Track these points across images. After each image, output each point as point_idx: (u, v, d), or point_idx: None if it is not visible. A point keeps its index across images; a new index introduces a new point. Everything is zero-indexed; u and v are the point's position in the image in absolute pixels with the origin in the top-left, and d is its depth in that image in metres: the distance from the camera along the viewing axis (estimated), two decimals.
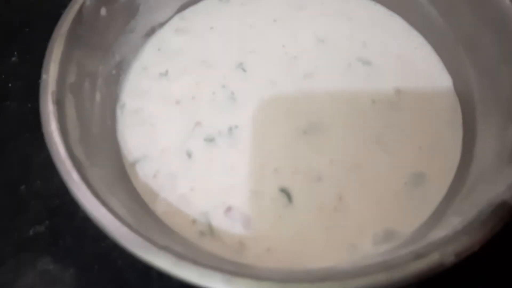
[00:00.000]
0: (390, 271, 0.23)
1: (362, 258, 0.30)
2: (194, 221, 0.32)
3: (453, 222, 0.27)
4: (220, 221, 0.32)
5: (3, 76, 0.43)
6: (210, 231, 0.32)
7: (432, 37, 0.38)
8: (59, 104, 0.29)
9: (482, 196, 0.27)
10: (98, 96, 0.34)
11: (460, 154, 0.34)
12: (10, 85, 0.43)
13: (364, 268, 0.25)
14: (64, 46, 0.32)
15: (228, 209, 0.32)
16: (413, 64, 0.37)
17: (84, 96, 0.33)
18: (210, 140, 0.35)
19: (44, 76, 0.30)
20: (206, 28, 0.40)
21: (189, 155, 0.35)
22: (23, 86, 0.43)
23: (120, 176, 0.33)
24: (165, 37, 0.40)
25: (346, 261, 0.30)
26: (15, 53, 0.45)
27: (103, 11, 0.35)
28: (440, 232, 0.27)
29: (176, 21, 0.40)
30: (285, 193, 0.33)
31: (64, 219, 0.37)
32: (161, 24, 0.40)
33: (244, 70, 0.37)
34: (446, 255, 0.24)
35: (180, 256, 0.24)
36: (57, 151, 0.27)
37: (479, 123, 0.33)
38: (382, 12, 0.40)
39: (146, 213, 0.31)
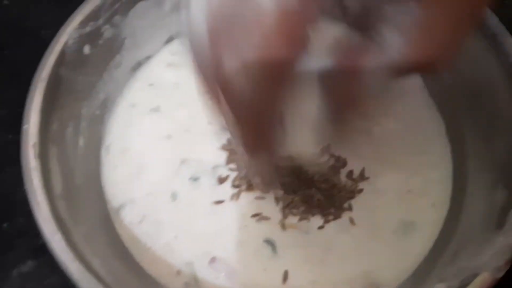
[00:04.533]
0: None
1: None
2: (179, 272, 0.34)
3: None
4: (204, 272, 0.34)
5: None
6: (195, 283, 0.33)
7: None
8: (42, 158, 0.31)
9: (466, 263, 0.29)
10: (81, 141, 0.35)
11: (448, 207, 0.35)
12: None
13: None
14: (46, 91, 0.33)
15: (213, 260, 0.34)
16: (406, 105, 0.38)
17: (67, 143, 0.34)
18: (194, 179, 0.36)
19: (25, 126, 0.31)
20: None
21: (174, 197, 0.36)
22: (4, 115, 0.43)
23: (104, 225, 0.34)
24: (156, 71, 0.40)
25: None
26: None
27: (86, 49, 0.36)
28: None
29: (166, 55, 0.41)
30: (269, 243, 0.34)
31: (49, 259, 0.37)
32: (149, 57, 0.41)
33: None
34: None
35: None
36: (40, 211, 0.29)
37: (470, 178, 0.34)
38: None
39: (131, 268, 0.33)
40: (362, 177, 0.36)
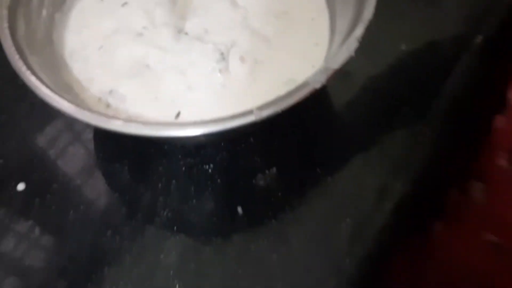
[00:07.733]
0: None
1: None
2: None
3: None
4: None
5: None
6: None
7: None
8: (10, 10, 0.42)
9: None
10: (44, 12, 0.46)
11: None
12: None
13: None
14: None
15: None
16: None
17: (32, 9, 0.44)
18: None
19: None
20: None
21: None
22: None
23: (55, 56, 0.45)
24: None
25: None
26: None
27: None
28: None
29: None
30: None
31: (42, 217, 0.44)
32: None
33: None
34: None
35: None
36: (6, 43, 0.40)
37: None
38: None
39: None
40: None
